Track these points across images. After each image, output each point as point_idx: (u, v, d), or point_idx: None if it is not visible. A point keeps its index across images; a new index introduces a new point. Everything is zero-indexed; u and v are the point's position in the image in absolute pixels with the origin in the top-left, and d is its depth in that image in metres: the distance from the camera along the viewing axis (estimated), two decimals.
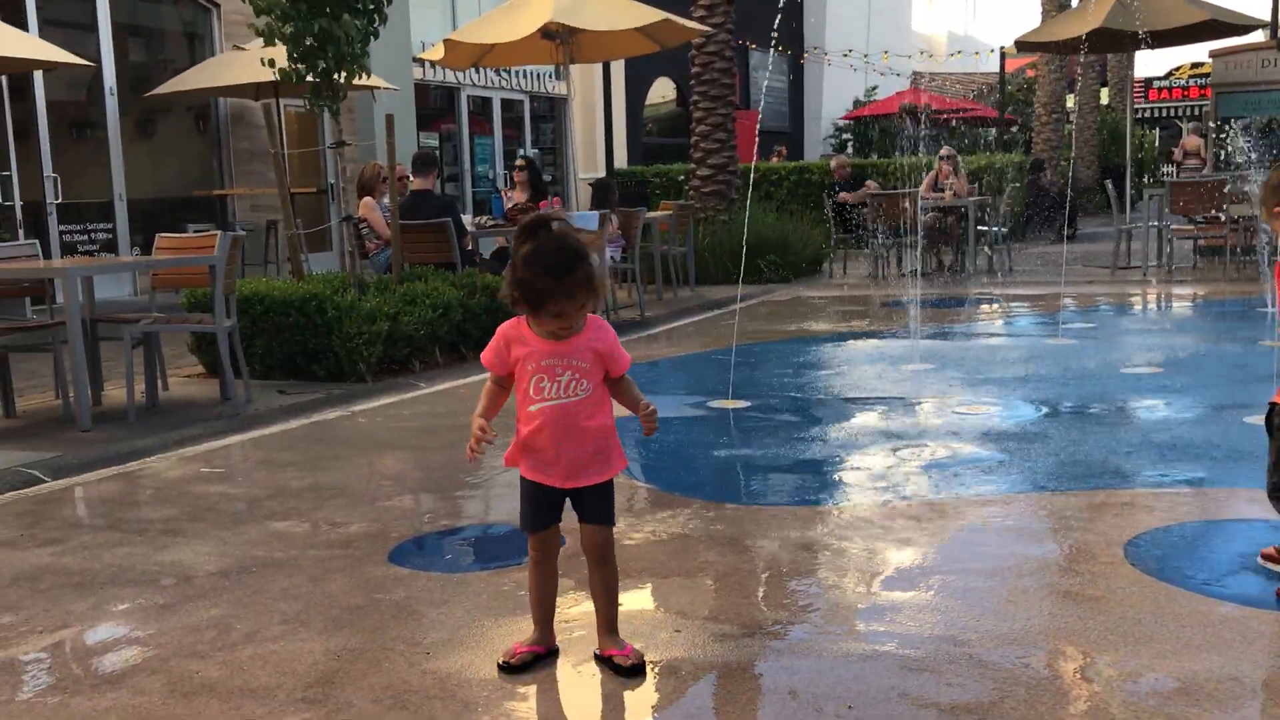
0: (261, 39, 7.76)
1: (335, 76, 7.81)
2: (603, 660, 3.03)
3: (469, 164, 18.34)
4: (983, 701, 2.78)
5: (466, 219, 10.65)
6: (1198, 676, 2.87)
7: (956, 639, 3.14)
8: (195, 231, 9.95)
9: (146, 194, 13.06)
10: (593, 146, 20.39)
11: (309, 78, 7.77)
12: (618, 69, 20.44)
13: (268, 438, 6.16)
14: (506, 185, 12.72)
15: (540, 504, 2.99)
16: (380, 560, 3.97)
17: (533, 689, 2.94)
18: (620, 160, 20.42)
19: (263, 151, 10.49)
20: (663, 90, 24.42)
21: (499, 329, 2.96)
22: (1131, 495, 4.52)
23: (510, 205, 10.83)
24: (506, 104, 19.29)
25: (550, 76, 19.42)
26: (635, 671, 2.98)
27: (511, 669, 3.00)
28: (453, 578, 3.79)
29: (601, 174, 17.70)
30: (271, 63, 7.72)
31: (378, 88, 12.74)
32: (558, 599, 3.17)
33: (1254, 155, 13.05)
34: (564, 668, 3.05)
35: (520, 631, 3.22)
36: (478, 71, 17.34)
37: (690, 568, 3.83)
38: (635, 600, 3.56)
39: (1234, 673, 2.88)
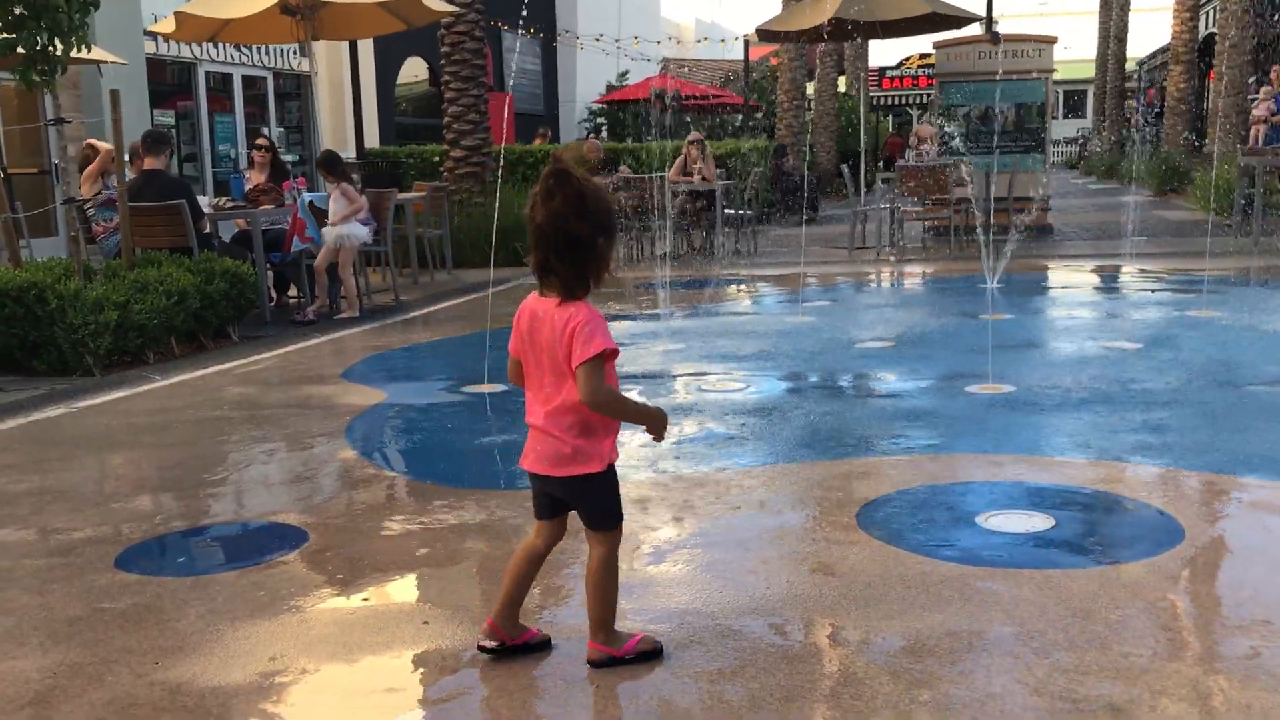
0: None
1: (50, 48, 7.24)
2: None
3: (208, 143, 17.44)
4: (724, 670, 2.86)
5: (204, 200, 10.11)
6: (921, 634, 3.05)
7: (702, 611, 3.23)
8: None
9: None
10: (342, 126, 19.78)
11: (20, 49, 7.17)
12: (366, 47, 19.89)
13: None
14: (247, 165, 12.15)
15: None
16: (106, 567, 3.73)
17: (277, 690, 2.83)
18: (372, 140, 19.89)
19: None
20: (415, 70, 23.92)
21: (593, 312, 2.82)
22: (865, 464, 4.76)
23: (250, 186, 10.36)
24: (249, 81, 18.42)
25: (295, 53, 18.66)
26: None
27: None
28: (186, 581, 3.60)
29: (352, 154, 17.21)
30: None
31: (104, 61, 11.90)
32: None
33: (965, 142, 14.02)
34: (321, 669, 2.95)
35: (259, 635, 3.09)
36: (216, 46, 16.47)
37: (444, 558, 3.78)
38: (386, 595, 3.49)
39: (952, 628, 3.09)
